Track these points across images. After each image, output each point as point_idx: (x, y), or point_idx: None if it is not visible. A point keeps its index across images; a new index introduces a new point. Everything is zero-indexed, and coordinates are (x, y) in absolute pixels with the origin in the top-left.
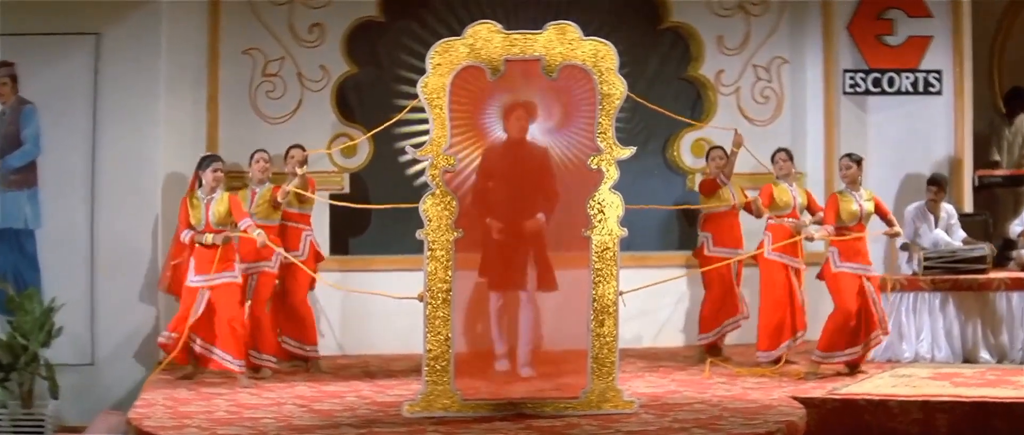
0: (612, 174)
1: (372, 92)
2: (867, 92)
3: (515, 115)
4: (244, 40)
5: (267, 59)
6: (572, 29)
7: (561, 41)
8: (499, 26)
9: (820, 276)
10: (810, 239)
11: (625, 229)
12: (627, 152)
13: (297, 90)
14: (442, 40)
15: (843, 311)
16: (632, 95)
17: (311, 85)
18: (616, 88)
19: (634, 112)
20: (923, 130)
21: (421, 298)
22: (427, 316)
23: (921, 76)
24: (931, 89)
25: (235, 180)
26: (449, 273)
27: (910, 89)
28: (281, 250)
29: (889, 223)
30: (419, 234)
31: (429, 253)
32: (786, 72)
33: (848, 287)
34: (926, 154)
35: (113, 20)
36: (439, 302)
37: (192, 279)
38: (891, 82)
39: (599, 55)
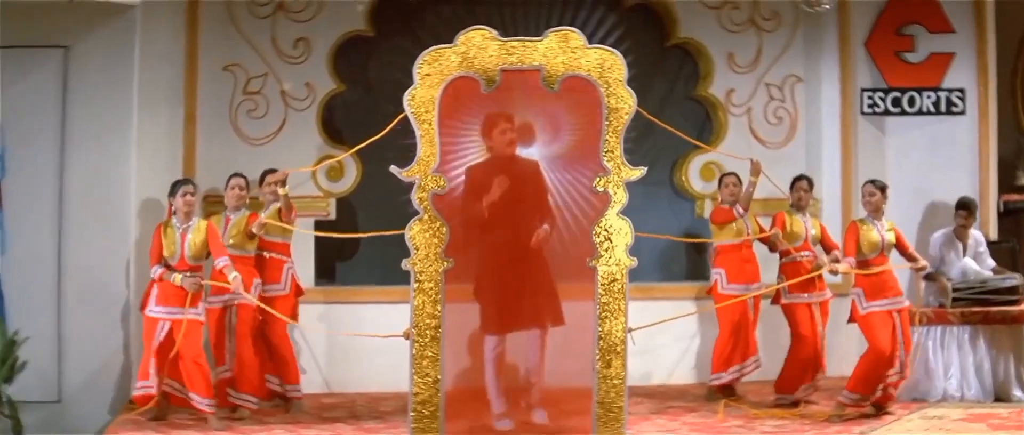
0: (620, 197)
1: (361, 112)
2: (886, 112)
3: (498, 129)
4: (224, 55)
5: (249, 76)
6: (576, 36)
7: (563, 49)
8: (495, 33)
9: (851, 320)
10: (834, 273)
11: (635, 259)
12: (637, 173)
13: (280, 109)
14: (431, 48)
15: (877, 352)
16: (642, 110)
17: (295, 104)
18: (625, 102)
19: (638, 132)
20: (946, 152)
21: (407, 336)
22: (414, 356)
23: (943, 95)
24: (954, 109)
25: (215, 206)
26: (438, 307)
27: (932, 109)
28: (247, 295)
29: (910, 258)
30: (405, 264)
31: (416, 285)
32: (800, 91)
33: (881, 327)
34: (949, 178)
35: (83, 32)
36: (427, 340)
37: (153, 309)
38: (912, 101)
39: (606, 65)
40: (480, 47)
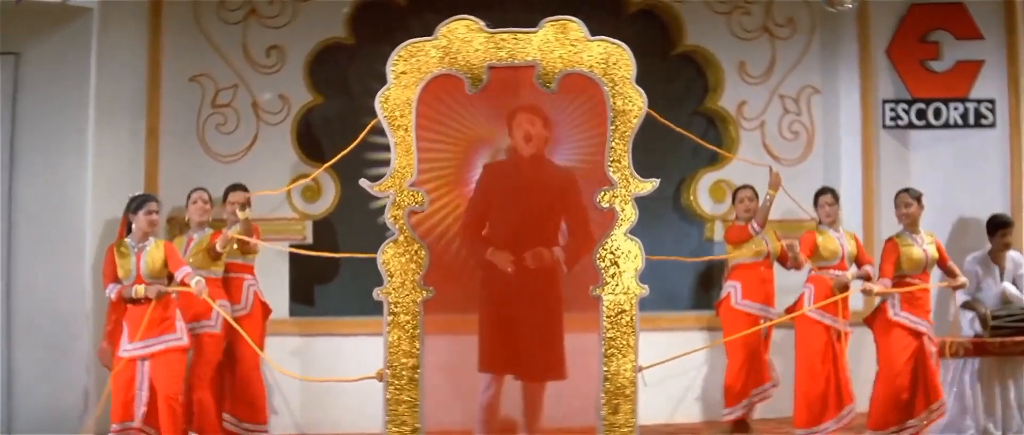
0: (629, 215)
1: (339, 126)
2: (910, 125)
3: (516, 120)
4: (190, 64)
5: (217, 87)
6: (576, 27)
7: (561, 42)
8: (481, 23)
9: (868, 321)
10: (868, 294)
11: (645, 286)
12: (648, 186)
13: (252, 123)
14: (407, 41)
15: (889, 374)
16: (653, 112)
17: (268, 117)
18: (633, 103)
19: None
20: (974, 168)
21: (380, 378)
22: (388, 401)
23: (971, 106)
24: (983, 121)
25: (180, 229)
26: (416, 344)
27: (959, 121)
28: (219, 307)
29: (950, 273)
30: (377, 293)
31: (390, 318)
32: (817, 103)
33: (900, 343)
34: (978, 195)
35: (35, 37)
36: (403, 382)
37: (125, 347)
38: (937, 114)
39: (611, 60)
40: (464, 40)
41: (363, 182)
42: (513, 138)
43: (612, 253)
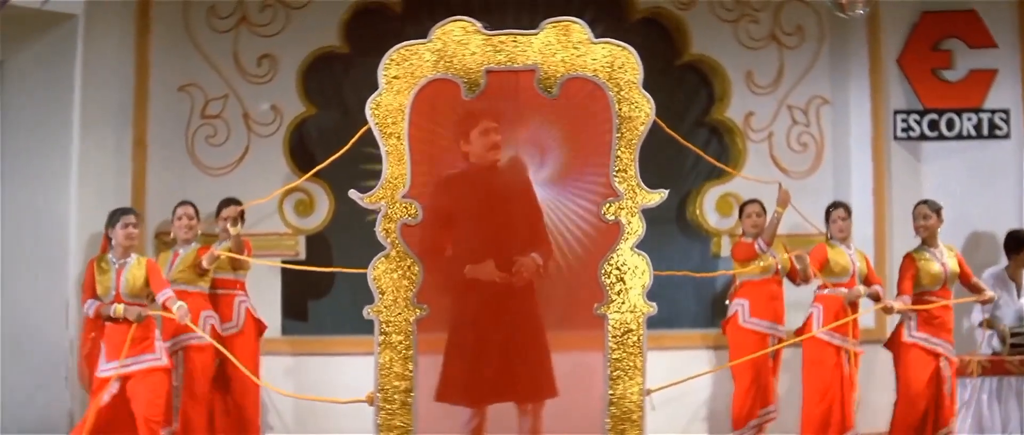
0: (635, 228)
1: (334, 138)
2: (922, 137)
3: (479, 128)
4: (179, 73)
5: (207, 97)
6: (579, 28)
7: (563, 45)
8: (478, 25)
9: (887, 345)
10: (889, 312)
11: (653, 305)
12: (656, 197)
13: (243, 135)
14: (400, 44)
15: (908, 397)
16: (660, 121)
17: (260, 129)
18: (640, 109)
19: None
20: (989, 180)
21: (371, 401)
22: (379, 427)
23: (985, 117)
24: (997, 132)
25: (167, 244)
26: (409, 366)
27: (972, 132)
28: (203, 332)
29: (974, 289)
30: (367, 312)
31: (381, 338)
32: (826, 114)
33: (918, 365)
34: (993, 209)
35: (17, 44)
36: (396, 407)
37: (102, 368)
38: (950, 124)
39: (616, 64)
40: (460, 42)
41: (353, 193)
42: (472, 146)
43: (618, 269)
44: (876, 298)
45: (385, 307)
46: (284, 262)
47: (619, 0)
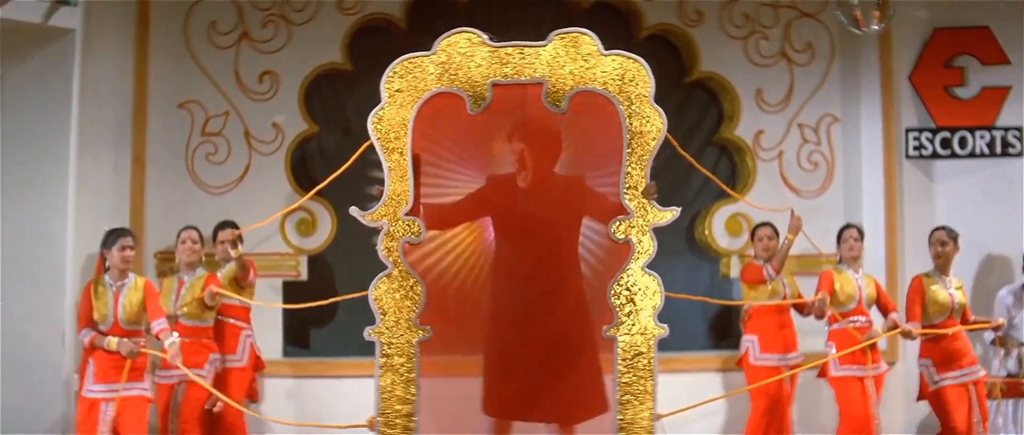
0: (647, 247)
1: (337, 157)
2: (934, 155)
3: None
4: (179, 89)
5: (208, 114)
6: (588, 40)
7: (572, 57)
8: (484, 36)
9: (920, 397)
10: (909, 337)
11: (664, 326)
12: (668, 215)
13: (244, 153)
14: (403, 56)
15: (952, 432)
16: (672, 137)
17: (261, 147)
18: (652, 123)
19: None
20: (1002, 199)
21: (371, 425)
22: None
23: (999, 135)
24: (1011, 150)
25: (168, 264)
26: (412, 390)
27: (986, 151)
28: (187, 369)
29: (979, 324)
30: (368, 333)
31: (383, 361)
32: (837, 132)
33: (956, 403)
34: (1007, 228)
35: (13, 59)
36: (397, 432)
37: (90, 388)
38: (963, 142)
39: (627, 77)
40: (466, 55)
41: (353, 210)
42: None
43: (628, 289)
44: (894, 327)
45: (387, 328)
46: (286, 283)
47: (627, 16)
